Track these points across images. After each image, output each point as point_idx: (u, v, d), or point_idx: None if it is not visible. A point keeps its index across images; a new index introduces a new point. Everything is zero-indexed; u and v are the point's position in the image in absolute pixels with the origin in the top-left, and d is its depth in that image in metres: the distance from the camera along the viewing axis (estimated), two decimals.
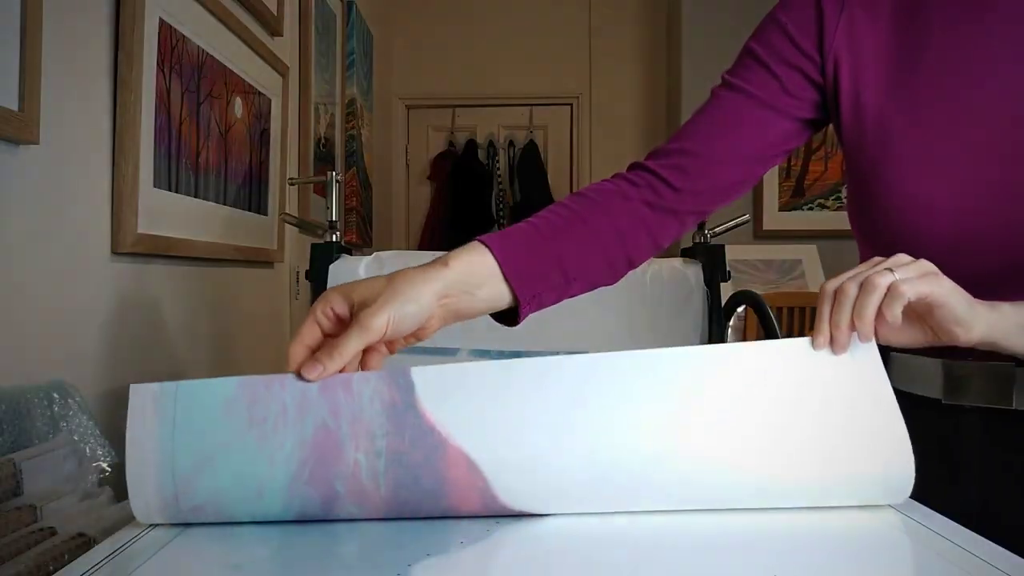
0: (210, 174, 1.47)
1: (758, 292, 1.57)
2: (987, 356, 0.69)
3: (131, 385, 0.59)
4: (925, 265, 0.63)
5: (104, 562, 0.49)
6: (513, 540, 0.55)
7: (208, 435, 0.58)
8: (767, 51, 0.81)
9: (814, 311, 0.68)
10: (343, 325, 0.62)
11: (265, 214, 1.80)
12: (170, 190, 1.30)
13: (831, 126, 0.84)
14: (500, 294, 0.71)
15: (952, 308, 0.62)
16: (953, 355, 0.73)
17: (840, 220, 2.55)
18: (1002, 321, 0.65)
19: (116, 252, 1.15)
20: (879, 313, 0.60)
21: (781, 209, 3.36)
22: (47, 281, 1.00)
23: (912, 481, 0.63)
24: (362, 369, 0.63)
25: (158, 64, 1.24)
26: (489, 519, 0.58)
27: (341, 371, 0.59)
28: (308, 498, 0.56)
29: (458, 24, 3.86)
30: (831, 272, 0.71)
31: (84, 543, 0.71)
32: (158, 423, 0.59)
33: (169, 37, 1.28)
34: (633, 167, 0.82)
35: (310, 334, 0.62)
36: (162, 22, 1.25)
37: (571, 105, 3.92)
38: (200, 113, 1.42)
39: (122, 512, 0.80)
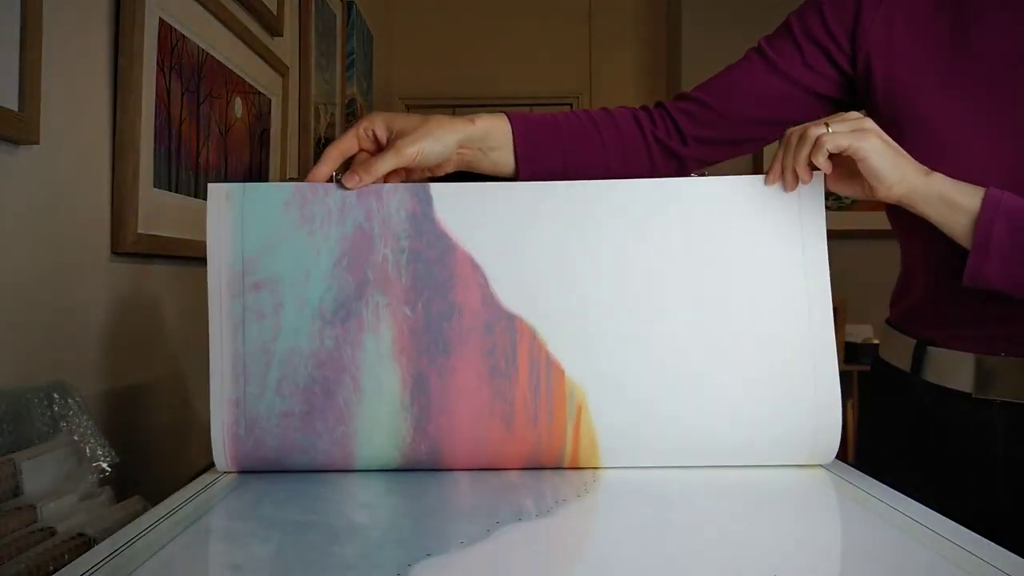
0: (210, 174, 1.47)
1: None
2: (1019, 352, 0.74)
3: (209, 184, 0.73)
4: (861, 122, 0.70)
5: (104, 562, 0.50)
6: (513, 540, 0.55)
7: (269, 227, 0.71)
8: (800, 26, 0.87)
9: None
10: (377, 146, 0.76)
11: None
12: (170, 190, 1.30)
13: None
14: (506, 163, 0.82)
15: (872, 164, 0.69)
16: (986, 350, 0.77)
17: (840, 220, 2.55)
18: (924, 188, 0.70)
19: (116, 252, 1.15)
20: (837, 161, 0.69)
21: None
22: (47, 281, 1.00)
23: (838, 439, 0.74)
24: None
25: (158, 64, 1.24)
26: (489, 519, 0.58)
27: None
28: (344, 281, 0.71)
29: (458, 24, 3.86)
30: (832, 273, 0.74)
31: (84, 543, 0.71)
32: (231, 214, 0.72)
33: (169, 37, 1.28)
34: (657, 105, 0.90)
35: (347, 143, 0.76)
36: (162, 22, 1.25)
37: (571, 105, 3.92)
38: (200, 113, 1.42)
39: (122, 512, 0.80)
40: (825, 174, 0.72)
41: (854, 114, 0.71)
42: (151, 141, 1.22)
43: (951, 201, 0.70)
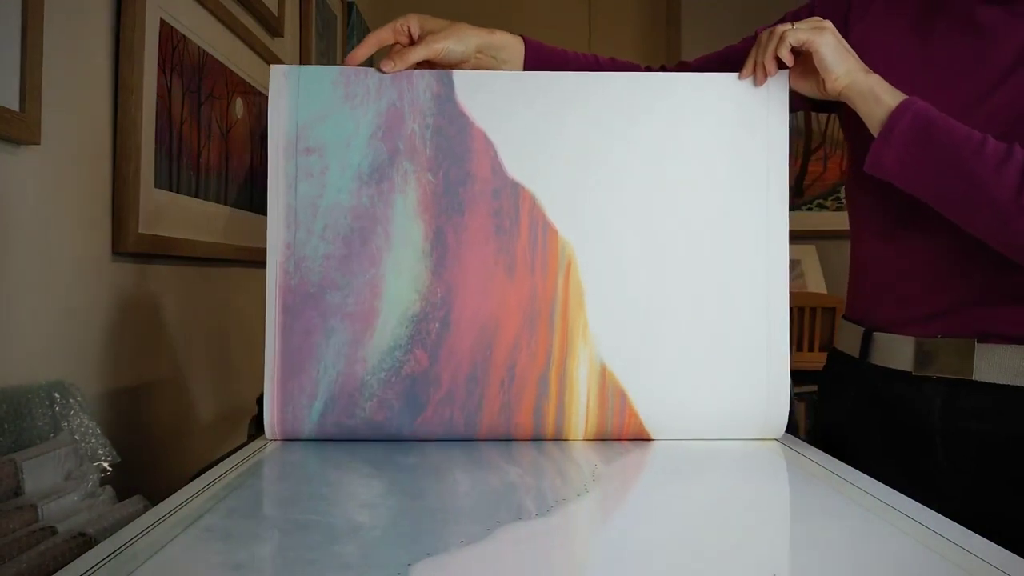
0: (211, 174, 1.47)
1: None
2: (954, 333, 0.84)
3: (272, 66, 0.91)
4: (820, 22, 0.83)
5: (104, 562, 0.50)
6: (513, 540, 0.55)
7: (319, 102, 0.86)
8: (795, 19, 0.95)
9: (814, 311, 0.75)
10: (410, 40, 0.90)
11: (266, 214, 1.80)
12: (171, 190, 1.30)
13: (830, 129, 0.96)
14: None
15: (822, 56, 0.81)
16: (924, 333, 0.86)
17: (840, 220, 2.55)
18: (863, 82, 0.82)
19: (117, 252, 1.15)
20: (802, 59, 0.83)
21: None
22: (48, 281, 1.00)
23: (787, 413, 0.87)
24: None
25: (159, 64, 1.24)
26: (489, 519, 0.58)
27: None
28: (379, 150, 0.85)
29: None
30: (831, 272, 0.76)
31: (84, 543, 0.71)
32: (287, 91, 0.88)
33: (170, 37, 1.28)
34: (661, 67, 1.04)
35: (385, 35, 0.90)
36: (163, 22, 1.25)
37: None
38: (201, 113, 1.42)
39: (123, 511, 0.80)
40: (790, 73, 0.87)
41: (816, 18, 0.84)
42: (152, 141, 1.22)
43: (878, 96, 0.81)
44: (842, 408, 0.99)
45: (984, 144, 0.76)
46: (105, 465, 0.87)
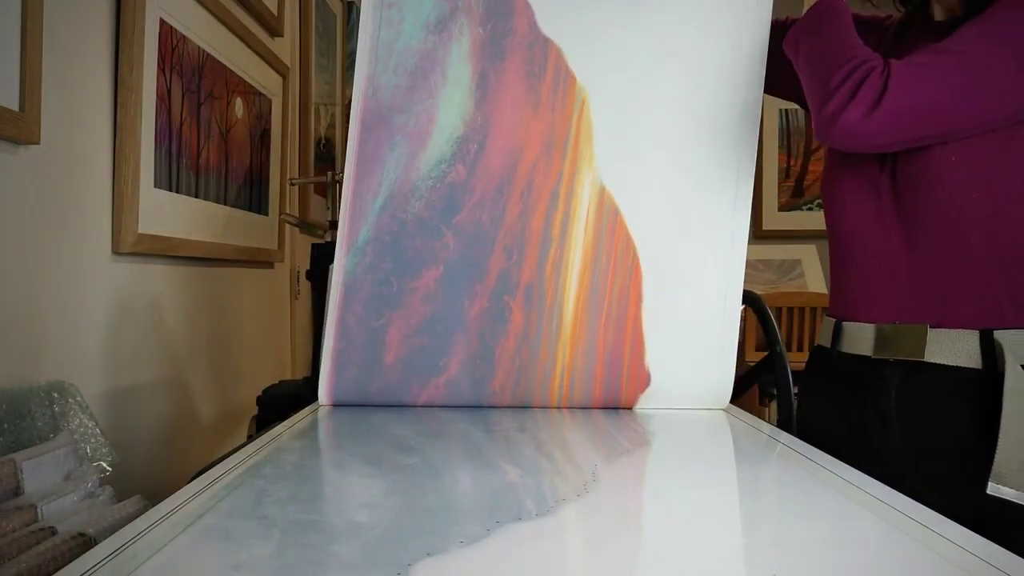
0: (211, 174, 1.47)
1: (757, 292, 1.57)
2: (910, 320, 0.93)
3: None
4: None
5: (104, 562, 0.50)
6: (513, 540, 0.55)
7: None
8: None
9: (814, 311, 0.77)
10: None
11: (266, 214, 1.80)
12: (171, 190, 1.30)
13: None
14: None
15: None
16: (884, 319, 0.96)
17: None
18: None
19: (117, 252, 1.15)
20: None
21: (780, 209, 3.36)
22: (48, 281, 1.00)
23: (732, 383, 1.05)
24: None
25: (158, 64, 1.24)
26: (489, 519, 0.58)
27: None
28: (443, 7, 1.02)
29: None
30: (830, 272, 0.77)
31: (84, 543, 0.71)
32: None
33: (169, 37, 1.28)
34: None
35: None
36: (162, 22, 1.25)
37: None
38: (201, 113, 1.42)
39: (122, 511, 0.80)
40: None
41: None
42: (151, 141, 1.22)
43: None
44: (820, 398, 1.08)
45: (854, 52, 0.89)
46: (105, 465, 0.87)
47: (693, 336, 1.05)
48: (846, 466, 0.75)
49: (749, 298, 1.56)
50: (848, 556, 0.54)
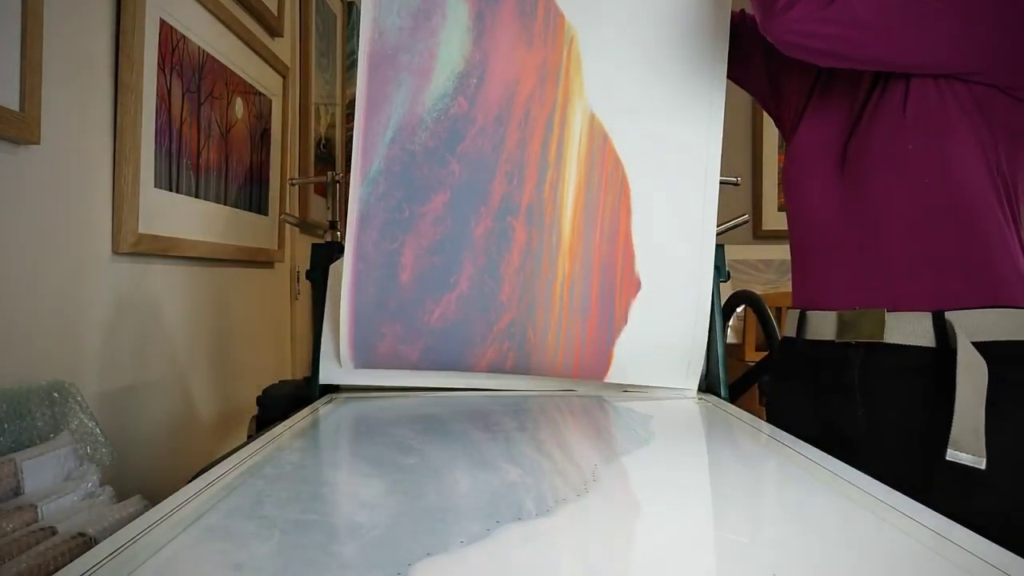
0: (211, 174, 1.47)
1: (757, 292, 1.57)
2: (871, 305, 0.97)
3: None
4: None
5: (104, 562, 0.50)
6: (513, 540, 0.55)
7: None
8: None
9: None
10: None
11: (266, 214, 1.80)
12: (171, 190, 1.30)
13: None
14: None
15: None
16: (845, 305, 1.00)
17: None
18: None
19: (117, 252, 1.15)
20: None
21: (780, 209, 3.36)
22: (48, 281, 1.00)
23: (702, 364, 1.16)
24: None
25: (159, 65, 1.24)
26: (489, 519, 0.58)
27: None
28: None
29: None
30: None
31: (84, 543, 0.71)
32: None
33: (170, 38, 1.28)
34: None
35: None
36: (163, 23, 1.25)
37: None
38: (201, 113, 1.42)
39: (123, 511, 0.80)
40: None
41: None
42: (152, 141, 1.22)
43: None
44: (785, 384, 1.13)
45: None
46: (106, 464, 0.87)
47: (677, 239, 1.15)
48: (846, 466, 0.75)
49: (749, 298, 1.56)
50: (848, 556, 0.54)
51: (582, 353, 1.14)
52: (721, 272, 1.21)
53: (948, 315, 0.93)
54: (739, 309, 1.72)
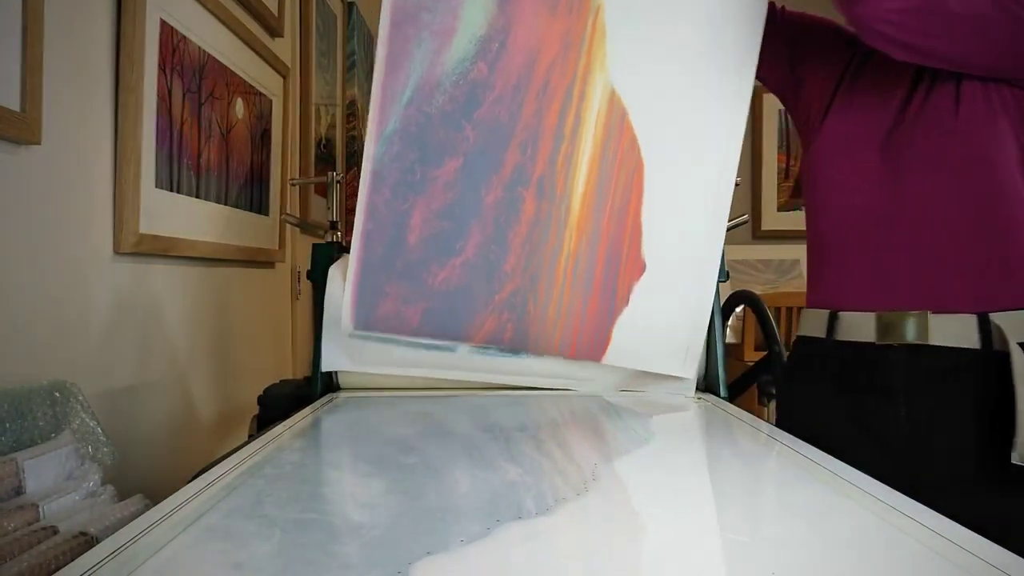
0: (211, 174, 1.47)
1: (756, 292, 1.57)
2: (914, 306, 0.96)
3: None
4: None
5: (105, 561, 0.50)
6: (513, 539, 0.55)
7: None
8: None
9: None
10: None
11: (266, 214, 1.80)
12: (171, 190, 1.30)
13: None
14: None
15: None
16: (884, 307, 0.99)
17: None
18: None
19: (118, 252, 1.16)
20: None
21: (779, 209, 3.36)
22: (49, 281, 1.01)
23: (700, 353, 1.16)
24: None
25: (159, 65, 1.24)
26: (489, 519, 0.58)
27: None
28: None
29: None
30: None
31: (86, 542, 0.71)
32: None
33: (170, 38, 1.28)
34: None
35: None
36: (163, 23, 1.25)
37: None
38: (201, 114, 1.42)
39: (124, 511, 0.81)
40: None
41: None
42: (152, 141, 1.23)
43: None
44: (809, 386, 1.10)
45: None
46: (107, 463, 0.87)
47: (686, 224, 1.14)
48: (845, 465, 0.75)
49: (748, 298, 1.56)
50: (847, 556, 0.54)
51: (581, 331, 1.14)
52: (720, 272, 1.20)
53: (993, 317, 0.93)
54: (738, 309, 1.72)
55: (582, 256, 1.13)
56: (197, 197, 1.41)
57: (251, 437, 1.17)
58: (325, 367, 1.19)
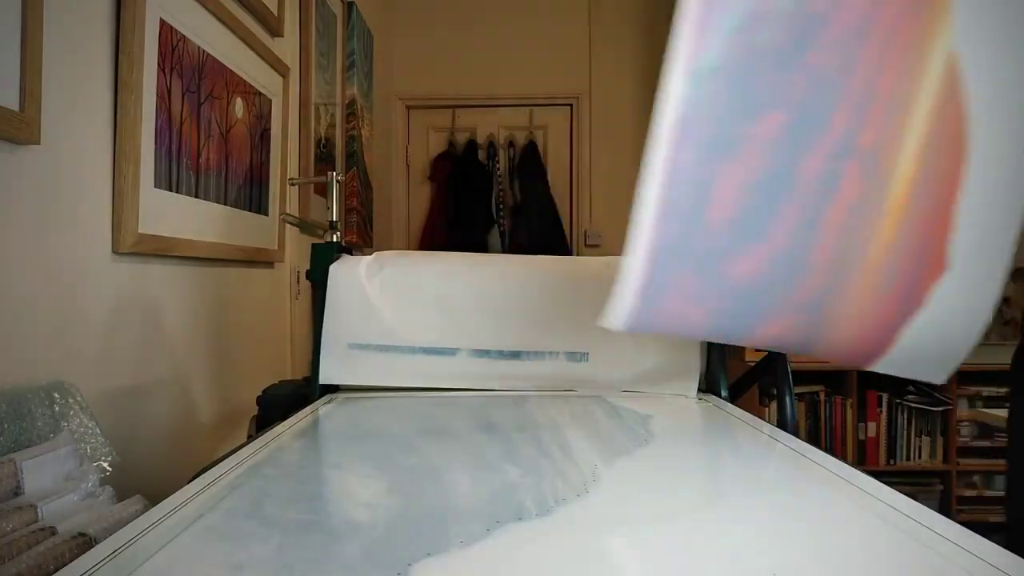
0: (211, 174, 1.47)
1: None
2: None
3: None
4: None
5: (104, 562, 0.50)
6: (513, 540, 0.55)
7: None
8: None
9: None
10: None
11: (266, 214, 1.80)
12: (171, 190, 1.30)
13: None
14: None
15: None
16: None
17: None
18: None
19: (117, 252, 1.15)
20: None
21: None
22: (48, 281, 1.00)
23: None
24: None
25: (159, 64, 1.24)
26: (489, 519, 0.58)
27: None
28: None
29: (458, 24, 3.86)
30: None
31: (84, 543, 0.71)
32: None
33: (170, 37, 1.28)
34: None
35: None
36: (163, 22, 1.25)
37: (571, 105, 3.92)
38: (201, 113, 1.42)
39: (123, 511, 0.80)
40: None
41: None
42: (152, 141, 1.22)
43: None
44: None
45: None
46: (105, 465, 0.87)
47: (999, 225, 0.88)
48: (845, 465, 0.75)
49: None
50: (848, 556, 0.54)
51: (866, 335, 0.93)
52: None
53: None
54: None
55: (892, 251, 0.90)
56: (196, 197, 1.41)
57: (251, 437, 1.17)
58: (323, 380, 1.19)
